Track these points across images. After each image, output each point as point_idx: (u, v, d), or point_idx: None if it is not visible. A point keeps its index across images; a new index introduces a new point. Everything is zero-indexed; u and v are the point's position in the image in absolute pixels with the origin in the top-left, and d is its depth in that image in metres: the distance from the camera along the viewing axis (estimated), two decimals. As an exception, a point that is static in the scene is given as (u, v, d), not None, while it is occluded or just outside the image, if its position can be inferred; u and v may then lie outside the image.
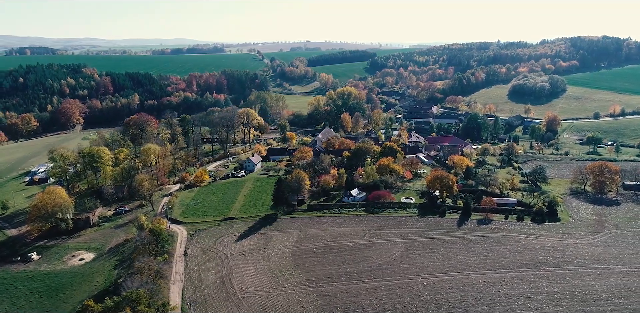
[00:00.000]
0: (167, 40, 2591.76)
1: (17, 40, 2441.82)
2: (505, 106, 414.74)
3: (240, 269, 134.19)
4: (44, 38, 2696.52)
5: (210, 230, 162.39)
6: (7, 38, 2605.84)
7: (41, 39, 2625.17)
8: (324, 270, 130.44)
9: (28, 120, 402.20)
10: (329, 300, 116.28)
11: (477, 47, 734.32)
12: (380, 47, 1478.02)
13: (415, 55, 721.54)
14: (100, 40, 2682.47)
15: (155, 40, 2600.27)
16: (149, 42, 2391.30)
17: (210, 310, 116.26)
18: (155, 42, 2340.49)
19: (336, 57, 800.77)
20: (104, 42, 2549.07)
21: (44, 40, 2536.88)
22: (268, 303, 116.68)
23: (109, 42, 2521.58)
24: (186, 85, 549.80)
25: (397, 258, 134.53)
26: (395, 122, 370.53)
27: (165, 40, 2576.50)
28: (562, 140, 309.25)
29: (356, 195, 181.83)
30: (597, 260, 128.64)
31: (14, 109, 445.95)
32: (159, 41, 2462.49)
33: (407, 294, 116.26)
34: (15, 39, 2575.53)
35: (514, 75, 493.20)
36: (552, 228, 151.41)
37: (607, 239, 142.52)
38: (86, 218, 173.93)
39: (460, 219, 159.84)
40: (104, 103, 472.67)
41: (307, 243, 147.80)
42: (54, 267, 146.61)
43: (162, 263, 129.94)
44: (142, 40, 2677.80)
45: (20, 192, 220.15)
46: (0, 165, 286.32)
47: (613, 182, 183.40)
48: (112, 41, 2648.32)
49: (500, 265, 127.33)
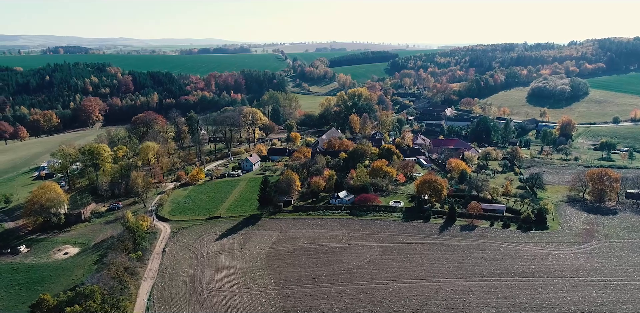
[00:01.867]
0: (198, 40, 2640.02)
1: (56, 39, 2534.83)
2: (523, 109, 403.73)
3: (213, 268, 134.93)
4: (81, 38, 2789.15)
5: (193, 229, 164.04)
6: (47, 37, 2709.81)
7: (78, 38, 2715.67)
8: (293, 272, 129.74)
9: (49, 117, 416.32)
10: (291, 302, 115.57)
11: (502, 49, 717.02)
12: (407, 47, 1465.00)
13: (436, 57, 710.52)
14: (133, 40, 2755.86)
15: (187, 40, 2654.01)
16: (180, 42, 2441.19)
17: (174, 308, 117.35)
18: (186, 42, 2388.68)
19: (357, 58, 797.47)
20: (137, 41, 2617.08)
21: (81, 39, 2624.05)
22: (231, 304, 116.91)
23: (142, 42, 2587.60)
24: (205, 84, 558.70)
25: (369, 262, 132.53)
26: (405, 124, 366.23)
27: (195, 40, 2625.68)
28: (576, 145, 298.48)
29: (344, 197, 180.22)
30: (575, 271, 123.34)
31: (39, 106, 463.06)
32: (189, 41, 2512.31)
33: (370, 299, 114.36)
34: (54, 38, 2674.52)
35: (535, 78, 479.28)
36: (537, 236, 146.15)
37: (593, 250, 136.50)
38: (78, 214, 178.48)
39: (444, 224, 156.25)
40: (124, 101, 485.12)
41: (284, 244, 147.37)
42: (39, 260, 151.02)
43: (134, 260, 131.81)
44: (174, 40, 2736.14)
45: (26, 186, 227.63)
46: (16, 160, 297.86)
47: (613, 189, 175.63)
48: (145, 41, 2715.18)
49: (472, 273, 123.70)
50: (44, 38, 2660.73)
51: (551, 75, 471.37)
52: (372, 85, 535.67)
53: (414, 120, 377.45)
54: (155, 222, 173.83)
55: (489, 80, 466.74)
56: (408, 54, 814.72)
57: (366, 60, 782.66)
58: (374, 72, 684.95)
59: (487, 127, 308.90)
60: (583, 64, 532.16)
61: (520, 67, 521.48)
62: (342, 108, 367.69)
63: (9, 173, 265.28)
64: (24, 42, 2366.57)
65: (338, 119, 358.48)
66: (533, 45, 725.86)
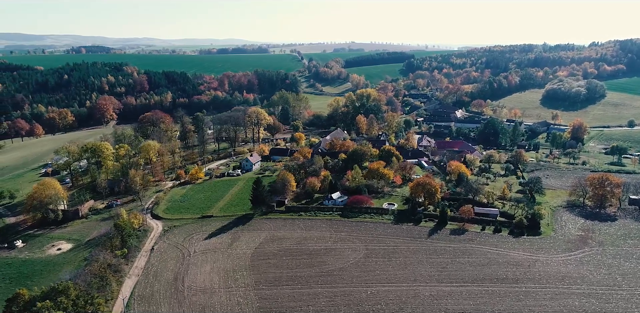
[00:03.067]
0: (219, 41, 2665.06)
1: (82, 39, 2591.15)
2: (536, 112, 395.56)
3: (197, 267, 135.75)
4: (105, 38, 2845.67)
5: (184, 227, 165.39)
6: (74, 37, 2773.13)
7: (103, 38, 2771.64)
8: (275, 273, 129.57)
9: (65, 115, 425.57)
10: (268, 303, 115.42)
11: (520, 50, 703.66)
12: (426, 48, 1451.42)
13: (452, 58, 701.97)
14: (156, 40, 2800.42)
15: (208, 40, 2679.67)
16: (201, 42, 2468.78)
17: (153, 305, 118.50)
18: (207, 42, 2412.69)
19: (373, 59, 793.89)
20: (159, 41, 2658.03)
21: (106, 39, 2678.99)
22: (209, 303, 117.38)
23: (165, 42, 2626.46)
24: (218, 84, 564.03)
25: (352, 264, 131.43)
26: (414, 126, 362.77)
27: (217, 41, 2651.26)
28: (587, 149, 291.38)
29: (337, 198, 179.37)
30: (561, 278, 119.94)
31: (56, 104, 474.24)
32: (210, 41, 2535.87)
33: (347, 302, 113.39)
34: (80, 38, 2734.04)
35: (551, 80, 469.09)
36: (528, 242, 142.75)
37: (584, 257, 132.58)
38: (75, 210, 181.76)
39: (434, 228, 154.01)
40: (138, 100, 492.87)
41: (271, 245, 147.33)
42: (32, 254, 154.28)
43: (119, 258, 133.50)
44: (195, 40, 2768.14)
45: (32, 183, 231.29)
46: (28, 157, 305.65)
47: (614, 195, 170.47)
48: (168, 41, 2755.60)
49: (454, 278, 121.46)
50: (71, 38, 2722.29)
51: (567, 77, 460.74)
52: (384, 86, 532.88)
53: (422, 122, 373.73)
54: (149, 220, 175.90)
55: (503, 81, 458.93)
56: (425, 55, 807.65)
57: (382, 61, 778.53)
58: (389, 72, 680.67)
59: (495, 129, 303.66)
60: (602, 66, 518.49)
61: (536, 69, 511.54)
62: (350, 109, 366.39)
63: (19, 169, 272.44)
64: (51, 41, 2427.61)
65: (346, 119, 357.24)
66: (552, 46, 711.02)
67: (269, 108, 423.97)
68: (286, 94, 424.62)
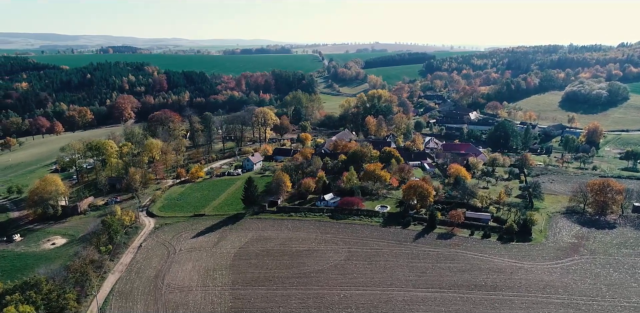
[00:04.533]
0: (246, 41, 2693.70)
1: (113, 39, 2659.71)
2: (554, 114, 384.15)
3: (179, 265, 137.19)
4: (136, 38, 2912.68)
5: (175, 225, 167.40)
6: (106, 37, 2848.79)
7: (134, 38, 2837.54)
8: (254, 273, 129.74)
9: (84, 113, 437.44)
10: (240, 303, 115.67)
11: (544, 51, 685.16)
12: (451, 49, 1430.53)
13: (473, 58, 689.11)
14: (185, 41, 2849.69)
15: (235, 41, 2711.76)
16: (229, 42, 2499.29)
17: (130, 301, 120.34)
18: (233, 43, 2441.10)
19: (393, 59, 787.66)
20: (187, 42, 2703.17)
21: (136, 40, 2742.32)
22: (183, 301, 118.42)
23: (192, 42, 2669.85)
24: (236, 84, 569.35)
25: (331, 267, 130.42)
26: (425, 127, 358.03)
27: (243, 41, 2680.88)
28: (601, 153, 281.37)
29: (329, 199, 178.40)
30: (542, 287, 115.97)
31: (78, 103, 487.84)
32: (237, 41, 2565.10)
33: (318, 304, 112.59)
34: (112, 38, 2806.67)
35: (572, 82, 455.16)
36: (516, 248, 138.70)
37: (571, 265, 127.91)
38: (74, 207, 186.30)
39: (421, 232, 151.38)
40: (156, 99, 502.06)
41: (256, 244, 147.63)
42: (28, 248, 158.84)
43: (104, 254, 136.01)
44: (223, 41, 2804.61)
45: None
46: (44, 154, 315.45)
47: (615, 202, 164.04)
48: (195, 41, 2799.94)
49: (431, 284, 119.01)
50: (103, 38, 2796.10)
51: (589, 79, 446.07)
52: (400, 87, 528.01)
53: (434, 124, 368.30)
54: (144, 217, 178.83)
55: (521, 83, 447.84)
56: (447, 56, 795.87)
57: (402, 62, 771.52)
58: (408, 73, 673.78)
59: (506, 132, 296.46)
60: (628, 67, 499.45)
61: (557, 70, 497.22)
62: (360, 109, 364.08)
63: (33, 165, 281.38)
64: (84, 41, 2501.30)
65: (356, 120, 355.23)
66: (578, 47, 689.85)
67: (282, 108, 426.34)
68: (299, 94, 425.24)
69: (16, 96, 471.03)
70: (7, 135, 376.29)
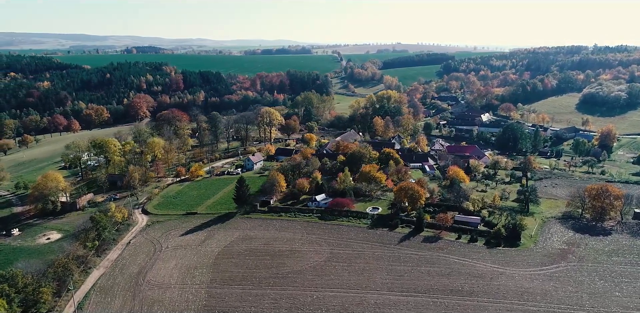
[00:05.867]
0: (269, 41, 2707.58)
1: (140, 40, 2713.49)
2: (569, 117, 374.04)
3: (163, 262, 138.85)
4: (162, 38, 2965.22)
5: (166, 223, 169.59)
6: (133, 38, 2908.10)
7: (160, 39, 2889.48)
8: (233, 272, 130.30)
9: (101, 112, 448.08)
10: (214, 302, 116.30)
11: (566, 51, 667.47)
12: (474, 49, 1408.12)
13: (492, 59, 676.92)
14: (209, 41, 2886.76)
15: (258, 41, 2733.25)
16: (251, 43, 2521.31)
17: (109, 297, 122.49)
18: (256, 43, 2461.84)
19: (412, 60, 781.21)
20: (211, 42, 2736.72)
21: (162, 40, 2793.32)
22: (160, 298, 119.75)
23: (217, 43, 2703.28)
24: (250, 84, 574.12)
25: (310, 267, 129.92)
26: (434, 129, 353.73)
27: (266, 41, 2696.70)
28: (614, 157, 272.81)
29: (320, 200, 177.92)
30: (520, 294, 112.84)
31: (96, 102, 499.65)
32: (260, 42, 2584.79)
33: (290, 305, 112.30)
34: (139, 39, 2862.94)
35: (591, 83, 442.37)
36: (501, 253, 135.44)
37: (555, 272, 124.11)
38: (72, 203, 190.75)
39: (408, 234, 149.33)
40: (172, 99, 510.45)
41: (240, 244, 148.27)
42: (24, 242, 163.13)
43: (90, 250, 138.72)
44: (246, 41, 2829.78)
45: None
46: (57, 150, 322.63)
47: (614, 208, 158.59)
48: (219, 42, 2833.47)
49: (407, 288, 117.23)
50: (130, 39, 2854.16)
51: (608, 81, 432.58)
52: (415, 88, 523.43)
53: (444, 125, 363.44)
54: (138, 214, 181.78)
55: (537, 84, 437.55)
56: (466, 56, 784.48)
57: (420, 63, 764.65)
58: (426, 74, 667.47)
59: (515, 134, 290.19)
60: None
61: (577, 72, 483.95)
62: (369, 110, 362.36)
63: (44, 162, 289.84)
64: (112, 42, 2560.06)
65: (364, 121, 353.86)
66: (602, 48, 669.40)
67: (293, 108, 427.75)
68: (310, 95, 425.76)
69: (37, 95, 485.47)
70: (27, 133, 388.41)
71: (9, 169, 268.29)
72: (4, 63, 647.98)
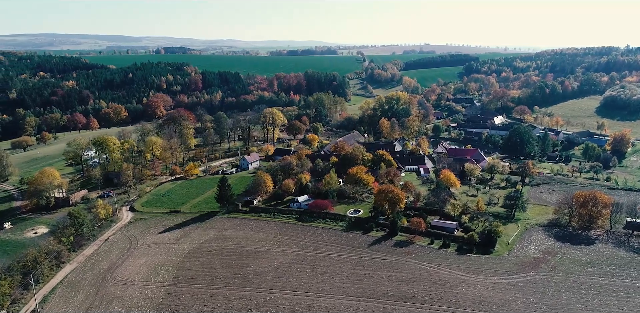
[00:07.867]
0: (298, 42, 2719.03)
1: (173, 40, 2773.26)
2: (587, 120, 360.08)
3: (134, 259, 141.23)
4: (194, 39, 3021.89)
5: (148, 221, 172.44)
6: (167, 39, 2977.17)
7: (192, 40, 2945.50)
8: (197, 271, 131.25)
9: (119, 110, 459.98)
10: (170, 300, 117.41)
11: (595, 53, 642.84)
12: (505, 50, 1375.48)
13: (516, 61, 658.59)
14: (240, 42, 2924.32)
15: (287, 42, 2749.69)
16: (281, 44, 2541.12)
17: (74, 291, 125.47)
18: (285, 44, 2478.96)
19: (434, 61, 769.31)
20: (242, 43, 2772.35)
21: (194, 41, 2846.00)
22: (121, 294, 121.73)
23: (247, 43, 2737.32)
24: (268, 84, 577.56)
25: (272, 269, 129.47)
26: (443, 131, 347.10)
27: (295, 42, 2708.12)
28: (626, 163, 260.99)
29: (302, 201, 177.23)
30: (477, 303, 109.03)
31: (117, 101, 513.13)
32: (289, 43, 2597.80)
33: (242, 306, 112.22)
34: (173, 39, 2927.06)
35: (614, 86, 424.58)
36: (470, 260, 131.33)
37: (522, 282, 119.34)
38: (65, 199, 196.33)
39: (380, 238, 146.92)
40: (189, 98, 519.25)
41: (213, 243, 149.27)
42: (12, 236, 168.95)
43: (64, 245, 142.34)
44: (276, 42, 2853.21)
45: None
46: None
47: (601, 216, 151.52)
48: (250, 42, 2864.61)
49: (362, 292, 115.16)
50: (164, 39, 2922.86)
51: (632, 83, 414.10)
52: (433, 89, 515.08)
53: (454, 128, 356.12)
54: (125, 211, 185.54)
55: (557, 87, 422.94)
56: (490, 58, 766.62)
57: (443, 64, 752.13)
58: (447, 75, 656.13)
59: (522, 138, 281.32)
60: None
61: (601, 73, 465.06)
62: (377, 112, 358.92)
63: (55, 159, 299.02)
64: (147, 42, 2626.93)
65: (372, 123, 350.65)
66: (634, 49, 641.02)
67: (304, 109, 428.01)
68: (322, 96, 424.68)
69: (61, 93, 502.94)
70: (47, 130, 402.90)
71: (22, 165, 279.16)
72: (35, 63, 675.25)
